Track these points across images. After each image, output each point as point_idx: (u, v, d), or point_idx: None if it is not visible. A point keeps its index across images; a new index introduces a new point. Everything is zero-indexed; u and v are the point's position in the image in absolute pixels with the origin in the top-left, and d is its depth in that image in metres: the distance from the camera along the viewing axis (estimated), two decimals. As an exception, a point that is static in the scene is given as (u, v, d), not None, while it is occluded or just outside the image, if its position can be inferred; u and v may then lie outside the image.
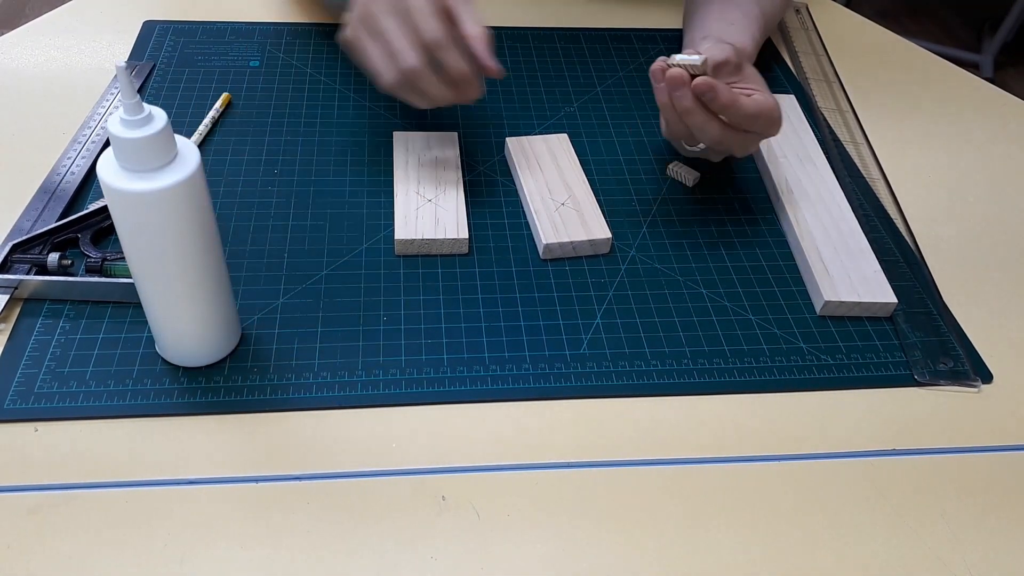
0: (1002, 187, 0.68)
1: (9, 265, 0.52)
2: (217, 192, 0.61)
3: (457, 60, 0.53)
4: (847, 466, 0.47)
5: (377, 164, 0.65)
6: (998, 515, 0.45)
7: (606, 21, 0.84)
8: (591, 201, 0.60)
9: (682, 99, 0.54)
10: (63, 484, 0.43)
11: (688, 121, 0.56)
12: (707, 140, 0.57)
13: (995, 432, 0.50)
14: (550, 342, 0.52)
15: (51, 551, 0.40)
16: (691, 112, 0.55)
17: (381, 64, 0.55)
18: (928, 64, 0.83)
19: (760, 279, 0.58)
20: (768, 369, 0.52)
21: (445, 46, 0.52)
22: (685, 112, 0.55)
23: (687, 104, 0.54)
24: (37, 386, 0.47)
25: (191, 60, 0.74)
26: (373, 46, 0.55)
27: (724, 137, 0.56)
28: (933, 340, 0.54)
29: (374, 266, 0.56)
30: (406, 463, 0.45)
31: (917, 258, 0.60)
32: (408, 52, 0.53)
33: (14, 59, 0.73)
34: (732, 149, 0.59)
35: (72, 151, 0.63)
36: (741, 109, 0.54)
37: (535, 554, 0.42)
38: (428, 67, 0.53)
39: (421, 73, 0.53)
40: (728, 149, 0.59)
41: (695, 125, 0.56)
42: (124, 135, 0.38)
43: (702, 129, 0.56)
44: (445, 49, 0.53)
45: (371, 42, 0.55)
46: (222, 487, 0.44)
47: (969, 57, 2.24)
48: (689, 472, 0.46)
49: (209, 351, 0.48)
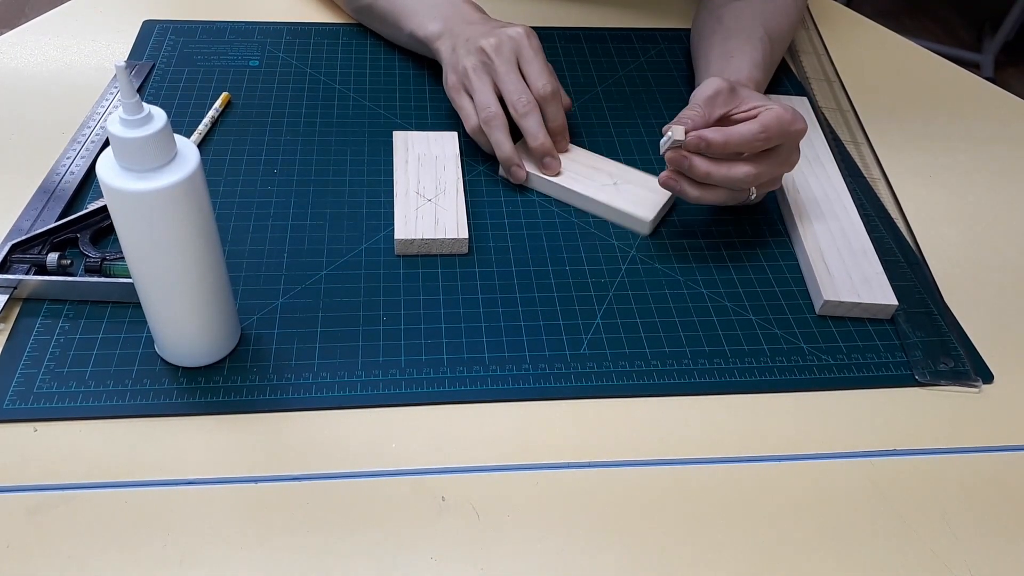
0: (1002, 187, 0.68)
1: (8, 265, 0.52)
2: (217, 192, 0.61)
3: (537, 128, 0.61)
4: (847, 466, 0.47)
5: (377, 164, 0.65)
6: (998, 515, 0.45)
7: (606, 21, 0.84)
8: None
9: (694, 168, 0.54)
10: (62, 484, 0.43)
11: (716, 181, 0.55)
12: (745, 182, 0.55)
13: (995, 432, 0.50)
14: (550, 342, 0.52)
15: (50, 551, 0.40)
16: (710, 172, 0.54)
17: (468, 108, 0.63)
18: (929, 64, 0.83)
19: (761, 279, 0.58)
20: (768, 369, 0.52)
21: (528, 113, 0.61)
22: (706, 176, 0.54)
23: (702, 169, 0.54)
24: (36, 386, 0.47)
25: (191, 60, 0.74)
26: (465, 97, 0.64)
27: (757, 168, 0.55)
28: (934, 340, 0.54)
29: (374, 266, 0.56)
30: (406, 463, 0.45)
31: (918, 258, 0.60)
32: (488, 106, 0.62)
33: (14, 59, 0.73)
34: (776, 170, 0.57)
35: (71, 151, 0.62)
36: (747, 134, 0.53)
37: (535, 554, 0.42)
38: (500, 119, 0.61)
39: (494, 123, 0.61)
40: (773, 173, 0.57)
41: (724, 179, 0.55)
42: (124, 135, 0.38)
43: (733, 177, 0.55)
44: (528, 116, 0.61)
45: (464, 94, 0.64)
46: (221, 487, 0.44)
47: (970, 56, 2.24)
48: (689, 472, 0.46)
49: (208, 351, 0.48)
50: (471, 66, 0.62)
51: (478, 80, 0.62)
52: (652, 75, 0.77)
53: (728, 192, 0.57)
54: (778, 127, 0.54)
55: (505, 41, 0.62)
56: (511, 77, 0.61)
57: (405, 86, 0.73)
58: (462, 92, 0.64)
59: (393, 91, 0.72)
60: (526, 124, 0.61)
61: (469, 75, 0.62)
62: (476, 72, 0.62)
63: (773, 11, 0.71)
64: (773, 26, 0.70)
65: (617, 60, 0.79)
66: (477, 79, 0.62)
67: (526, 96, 0.61)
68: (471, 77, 0.62)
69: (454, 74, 0.64)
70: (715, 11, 0.72)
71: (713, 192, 0.56)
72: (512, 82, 0.61)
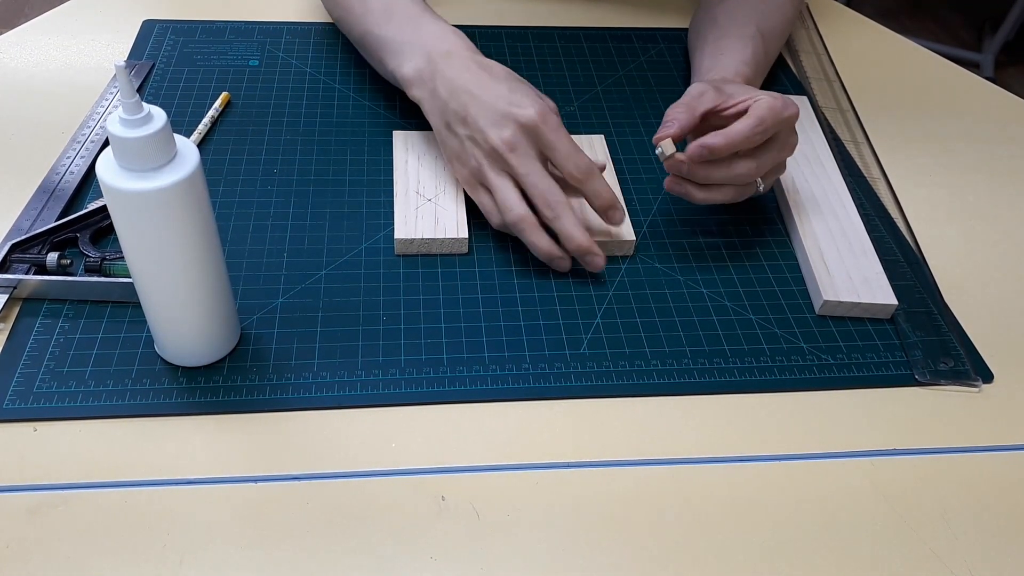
0: (1002, 187, 0.68)
1: (8, 265, 0.52)
2: (217, 192, 0.61)
3: (573, 229, 0.54)
4: (847, 466, 0.47)
5: (377, 164, 0.65)
6: (998, 515, 0.45)
7: (606, 21, 0.84)
8: None
9: (694, 173, 0.55)
10: (62, 484, 0.43)
11: (719, 180, 0.55)
12: (748, 177, 0.55)
13: (995, 432, 0.50)
14: (550, 342, 0.52)
15: (50, 551, 0.40)
16: (711, 174, 0.55)
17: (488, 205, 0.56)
18: (929, 63, 0.83)
19: (761, 278, 0.58)
20: (768, 369, 0.52)
21: (561, 214, 0.54)
22: (708, 178, 0.55)
23: (703, 172, 0.55)
24: (36, 386, 0.47)
25: (190, 59, 0.74)
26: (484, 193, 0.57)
27: (757, 161, 0.55)
28: (934, 340, 0.54)
29: (374, 266, 0.56)
30: (406, 463, 0.45)
31: (918, 258, 0.60)
32: (513, 208, 0.54)
33: (14, 59, 0.73)
34: (777, 157, 0.57)
35: (71, 150, 0.62)
36: (744, 130, 0.53)
37: (535, 554, 0.42)
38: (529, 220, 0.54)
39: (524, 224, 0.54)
40: (775, 161, 0.56)
41: (726, 178, 0.55)
42: (123, 134, 0.38)
43: (735, 175, 0.55)
44: (561, 217, 0.54)
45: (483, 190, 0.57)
46: (221, 487, 0.44)
47: (970, 56, 2.24)
48: (689, 472, 0.46)
49: (208, 351, 0.48)
50: (486, 165, 0.55)
51: (496, 178, 0.55)
52: (652, 75, 0.77)
53: (735, 188, 0.56)
54: (772, 116, 0.54)
55: (520, 135, 0.54)
56: (533, 170, 0.54)
57: (405, 86, 0.73)
58: (478, 188, 0.57)
59: (393, 91, 0.72)
60: (559, 227, 0.54)
61: (485, 173, 0.55)
62: (492, 171, 0.55)
63: (767, 8, 0.71)
64: (767, 23, 0.70)
65: (617, 60, 0.79)
66: (495, 177, 0.55)
67: (553, 196, 0.54)
68: (487, 175, 0.55)
69: (465, 168, 0.57)
70: (710, 10, 0.72)
71: (719, 191, 0.56)
72: (536, 180, 0.54)
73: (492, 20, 0.83)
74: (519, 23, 0.83)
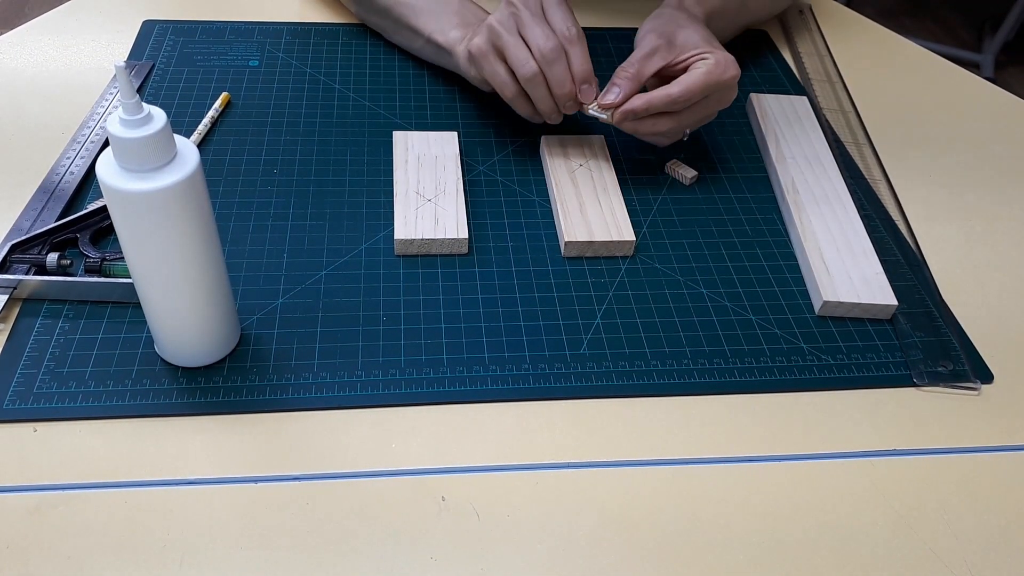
0: (1002, 187, 0.68)
1: (8, 265, 0.52)
2: (217, 192, 0.61)
3: (564, 75, 0.59)
4: (847, 466, 0.47)
5: (377, 164, 0.65)
6: (998, 515, 0.45)
7: (606, 21, 0.84)
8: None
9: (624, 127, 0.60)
10: (62, 484, 0.43)
11: (643, 135, 0.62)
12: (669, 134, 0.62)
13: (995, 432, 0.50)
14: (550, 342, 0.52)
15: (50, 551, 0.40)
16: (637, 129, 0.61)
17: (503, 74, 0.61)
18: (929, 64, 0.83)
19: (760, 279, 0.58)
20: (768, 369, 0.52)
21: (555, 60, 0.58)
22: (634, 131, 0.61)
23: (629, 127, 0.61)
24: (36, 386, 0.47)
25: (190, 60, 0.74)
26: (497, 60, 0.61)
27: (680, 120, 0.61)
28: (933, 341, 0.54)
29: (374, 266, 0.56)
30: (406, 463, 0.45)
31: (918, 258, 0.60)
32: (527, 62, 0.59)
33: (14, 59, 0.73)
34: (702, 115, 0.62)
35: (71, 151, 0.62)
36: (666, 97, 0.58)
37: (535, 554, 0.42)
38: (541, 76, 0.59)
39: (537, 80, 0.59)
40: (699, 120, 0.62)
41: (649, 133, 0.61)
42: (123, 135, 0.38)
43: (657, 131, 0.61)
44: (554, 63, 0.59)
45: (489, 59, 0.62)
46: (221, 487, 0.44)
47: (970, 56, 2.24)
48: (689, 472, 0.46)
49: (208, 351, 0.48)
50: (497, 20, 0.60)
51: (508, 35, 0.59)
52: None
53: (659, 136, 0.62)
54: (702, 87, 0.59)
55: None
56: (535, 22, 0.59)
57: (405, 86, 0.73)
58: (489, 55, 0.61)
59: (393, 91, 0.72)
60: (551, 73, 0.59)
61: (498, 31, 0.60)
62: (504, 25, 0.60)
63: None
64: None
65: (617, 60, 0.79)
66: (507, 33, 0.60)
67: (552, 42, 0.58)
68: (501, 33, 0.60)
69: (479, 37, 0.62)
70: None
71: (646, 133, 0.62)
72: (538, 30, 0.59)
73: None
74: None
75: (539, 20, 0.59)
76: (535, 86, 0.59)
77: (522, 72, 0.59)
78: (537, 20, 0.59)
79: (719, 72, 0.59)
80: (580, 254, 0.58)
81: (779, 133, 0.69)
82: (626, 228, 0.58)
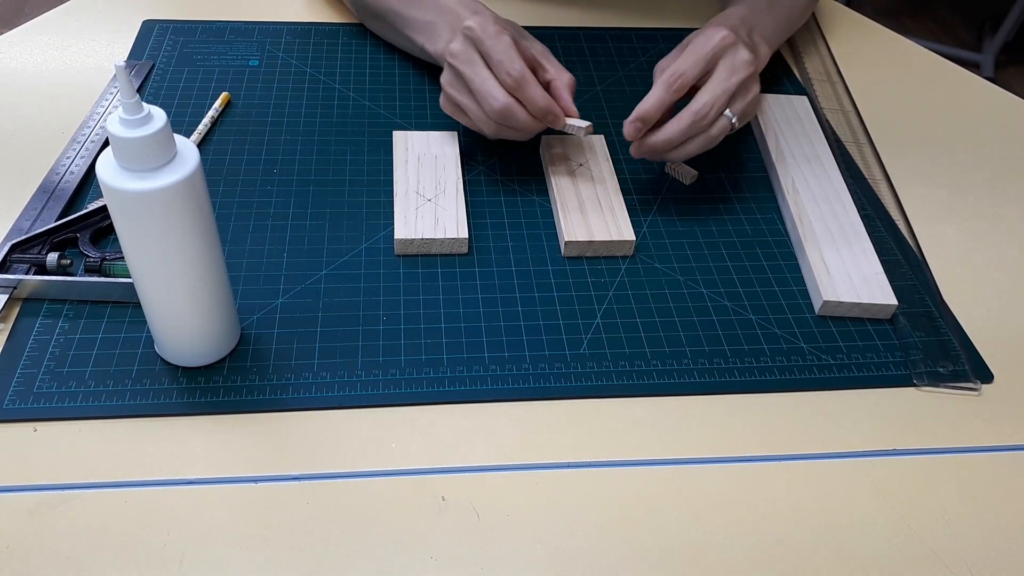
0: (1002, 187, 0.68)
1: (8, 265, 0.52)
2: (217, 192, 0.61)
3: (538, 95, 0.57)
4: (847, 466, 0.47)
5: (377, 164, 0.65)
6: (998, 515, 0.45)
7: (606, 21, 0.84)
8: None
9: (651, 150, 0.59)
10: (62, 484, 0.43)
11: (660, 150, 0.59)
12: (675, 139, 0.58)
13: (995, 432, 0.50)
14: (550, 342, 0.52)
15: (50, 551, 0.40)
16: (655, 146, 0.58)
17: (476, 113, 0.59)
18: (929, 63, 0.83)
19: (760, 278, 0.58)
20: (768, 369, 0.52)
21: (526, 83, 0.57)
22: (656, 152, 0.59)
23: (650, 150, 0.59)
24: (36, 386, 0.47)
25: (190, 59, 0.74)
26: (465, 98, 0.60)
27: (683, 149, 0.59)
28: (933, 341, 0.54)
29: (374, 266, 0.56)
30: (406, 463, 0.45)
31: (918, 258, 0.60)
32: (495, 92, 0.57)
33: (13, 59, 0.73)
34: (720, 91, 0.58)
35: (71, 151, 0.62)
36: (650, 109, 0.57)
37: (535, 554, 0.42)
38: (515, 103, 0.57)
39: (511, 109, 0.57)
40: (717, 96, 0.58)
41: (663, 145, 0.58)
42: (123, 134, 0.38)
43: (663, 139, 0.58)
44: (526, 87, 0.57)
45: (462, 96, 0.60)
46: (221, 487, 0.44)
47: (970, 56, 2.24)
48: (689, 472, 0.46)
49: (208, 351, 0.48)
50: (460, 54, 0.58)
51: (472, 70, 0.58)
52: (652, 75, 0.77)
53: (693, 140, 0.59)
54: (669, 89, 0.57)
55: (490, 18, 0.59)
56: (502, 48, 0.57)
57: (405, 86, 0.73)
58: (462, 93, 0.60)
59: (393, 91, 0.72)
60: (525, 95, 0.57)
61: (460, 70, 0.58)
62: (467, 62, 0.58)
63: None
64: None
65: (617, 60, 0.79)
66: (469, 68, 0.58)
67: (518, 66, 0.56)
68: (463, 71, 0.58)
69: (447, 70, 0.60)
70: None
71: (682, 146, 0.59)
72: (504, 58, 0.56)
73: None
74: (519, 23, 0.82)
75: (507, 46, 0.57)
76: (510, 117, 0.58)
77: (492, 109, 0.57)
78: (505, 46, 0.57)
79: (705, 34, 0.58)
80: (580, 254, 0.58)
81: (779, 133, 0.69)
82: (626, 228, 0.58)
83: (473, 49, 0.58)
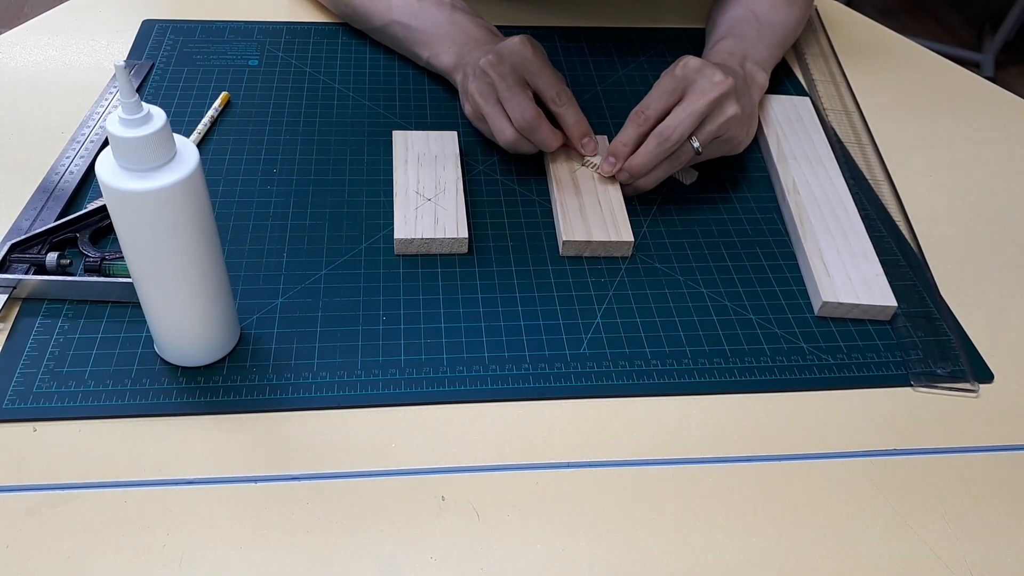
0: (1003, 186, 0.68)
1: (8, 265, 0.52)
2: (216, 192, 0.61)
3: (547, 137, 0.61)
4: (847, 466, 0.47)
5: (377, 163, 0.65)
6: (998, 515, 0.45)
7: (606, 21, 0.84)
8: None
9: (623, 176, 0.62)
10: (62, 484, 0.43)
11: (636, 174, 0.61)
12: (646, 164, 0.60)
13: (995, 432, 0.50)
14: (550, 342, 0.52)
15: (50, 551, 0.40)
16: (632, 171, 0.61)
17: (496, 133, 0.62)
18: (929, 63, 0.83)
19: (761, 278, 0.58)
20: (768, 369, 0.52)
21: (535, 129, 0.60)
22: (633, 177, 0.61)
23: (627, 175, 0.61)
24: (36, 386, 0.47)
25: (190, 59, 0.74)
26: (483, 124, 0.63)
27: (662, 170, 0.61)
28: (932, 341, 0.54)
29: (373, 266, 0.56)
30: (406, 463, 0.45)
31: (918, 258, 0.60)
32: (506, 130, 0.61)
33: (13, 58, 0.73)
34: (685, 120, 0.59)
35: (71, 150, 0.62)
36: (624, 144, 0.60)
37: (535, 554, 0.42)
38: (525, 141, 0.61)
39: (518, 142, 0.61)
40: (682, 124, 0.59)
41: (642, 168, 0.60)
42: (123, 134, 0.38)
43: (636, 164, 0.60)
44: (534, 132, 0.60)
45: (481, 122, 0.64)
46: (221, 487, 0.44)
47: (970, 56, 2.24)
48: (689, 472, 0.46)
49: (208, 351, 0.48)
50: (477, 91, 0.62)
51: (487, 105, 0.61)
52: (652, 75, 0.77)
53: (665, 163, 0.60)
54: (636, 124, 0.60)
55: (505, 55, 0.61)
56: (512, 94, 0.60)
57: (405, 86, 0.73)
58: (481, 120, 0.63)
59: (393, 91, 0.72)
60: (534, 140, 0.61)
61: (477, 101, 0.62)
62: (483, 97, 0.61)
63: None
64: (775, 27, 0.73)
65: (617, 60, 0.79)
66: (485, 103, 0.61)
67: (530, 113, 0.59)
68: (479, 103, 0.61)
69: (468, 104, 0.64)
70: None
71: (654, 171, 0.61)
72: (514, 103, 0.60)
73: (493, 21, 0.82)
74: (520, 24, 0.82)
75: (516, 91, 0.60)
76: (517, 145, 0.61)
77: (502, 141, 0.61)
78: (514, 92, 0.60)
79: (677, 65, 0.60)
80: (578, 253, 0.58)
81: (780, 133, 0.69)
82: (625, 229, 0.58)
83: (509, 68, 0.61)
